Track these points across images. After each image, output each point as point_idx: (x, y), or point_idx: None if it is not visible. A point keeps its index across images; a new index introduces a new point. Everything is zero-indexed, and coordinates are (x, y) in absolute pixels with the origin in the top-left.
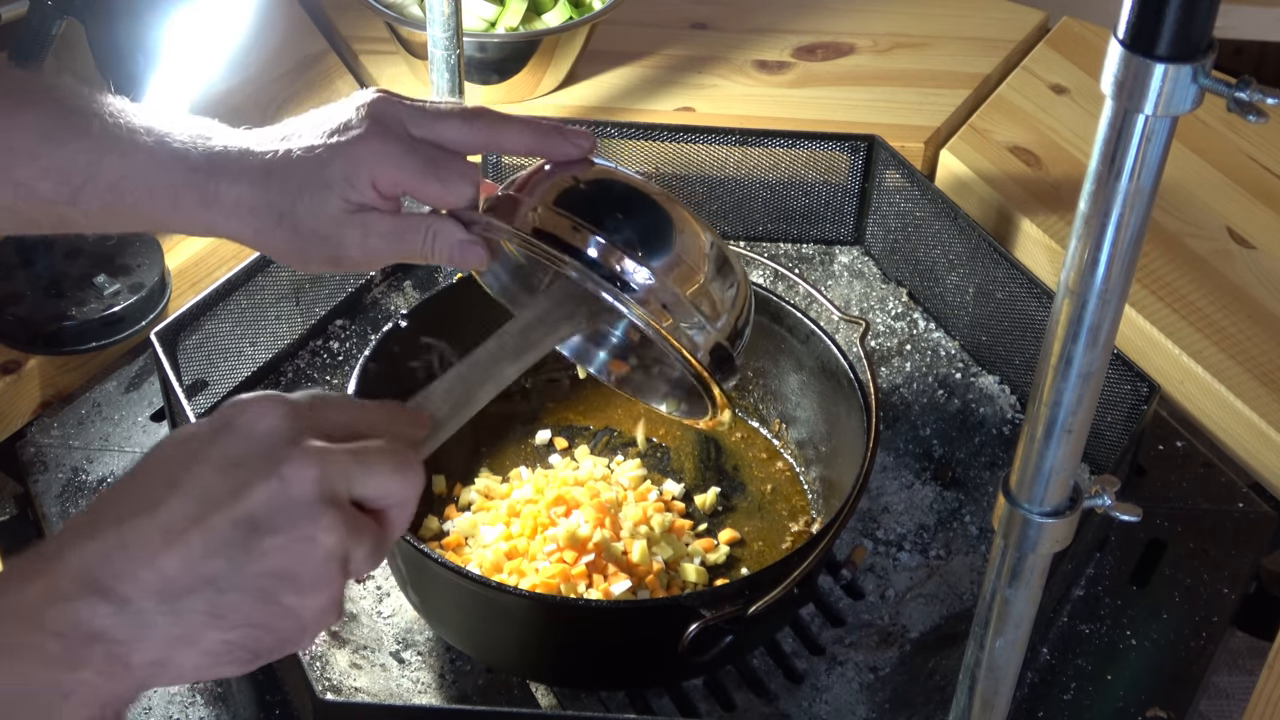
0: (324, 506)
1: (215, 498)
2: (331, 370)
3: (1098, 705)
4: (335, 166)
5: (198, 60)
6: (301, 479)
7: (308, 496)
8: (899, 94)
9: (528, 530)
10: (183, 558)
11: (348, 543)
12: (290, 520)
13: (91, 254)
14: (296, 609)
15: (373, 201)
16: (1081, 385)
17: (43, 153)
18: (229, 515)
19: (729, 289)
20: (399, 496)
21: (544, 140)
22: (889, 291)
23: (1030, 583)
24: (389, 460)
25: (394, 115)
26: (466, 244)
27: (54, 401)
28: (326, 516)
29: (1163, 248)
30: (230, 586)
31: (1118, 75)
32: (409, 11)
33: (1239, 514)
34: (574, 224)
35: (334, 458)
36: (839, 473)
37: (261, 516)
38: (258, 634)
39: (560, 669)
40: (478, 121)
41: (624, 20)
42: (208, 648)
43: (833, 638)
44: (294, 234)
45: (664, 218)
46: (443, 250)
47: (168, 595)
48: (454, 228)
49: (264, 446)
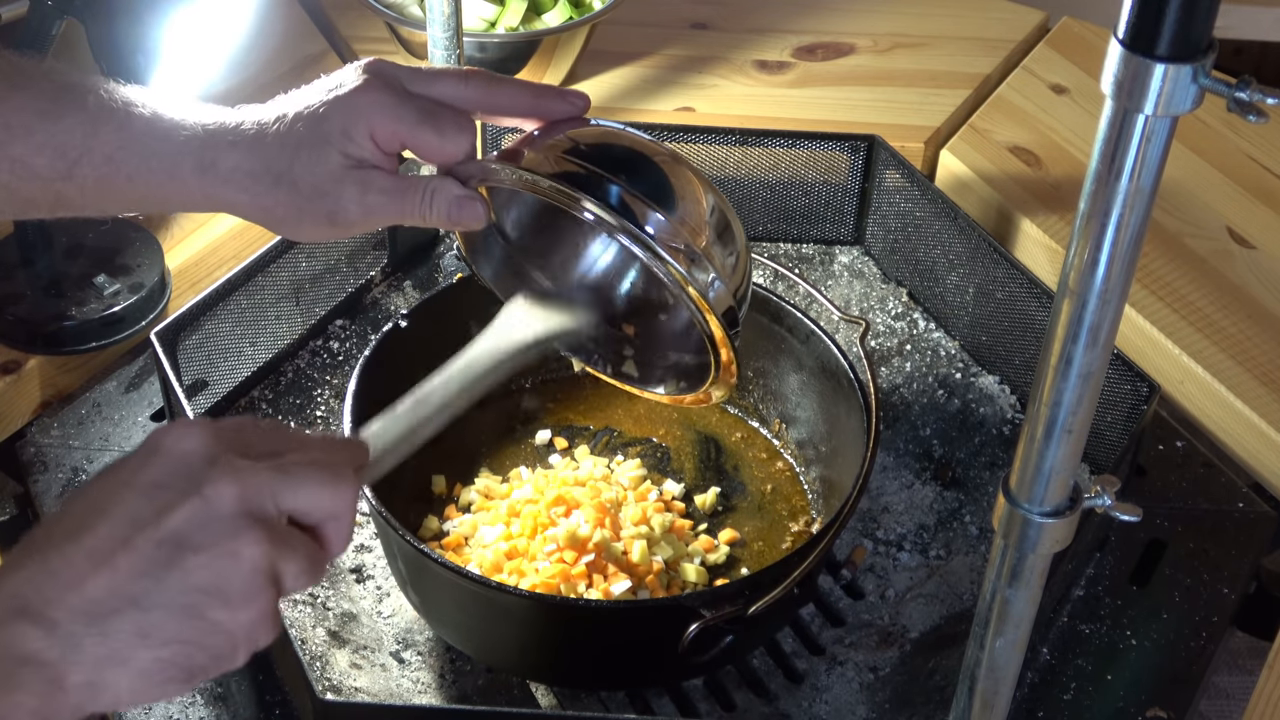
0: (246, 521)
1: (140, 519)
2: (331, 370)
3: (1098, 705)
4: (333, 120)
5: (198, 60)
6: (222, 496)
7: (229, 511)
8: (899, 94)
9: (528, 530)
10: (108, 580)
11: (273, 557)
12: (212, 537)
13: (91, 254)
14: (225, 624)
15: (371, 156)
16: (1081, 385)
17: (38, 129)
18: (153, 536)
19: (733, 249)
20: (330, 509)
21: (540, 99)
22: (889, 291)
23: (1030, 583)
24: (315, 471)
25: (390, 72)
26: (464, 199)
27: (54, 401)
28: (250, 531)
29: (1163, 248)
30: (155, 605)
31: (1118, 75)
32: (409, 11)
33: (1239, 514)
34: (581, 167)
35: (256, 473)
36: (839, 473)
37: (184, 534)
38: (188, 650)
39: (560, 669)
40: (474, 80)
41: (624, 20)
42: (140, 667)
43: (833, 638)
44: (292, 193)
45: (672, 170)
46: (440, 207)
47: (95, 617)
48: (452, 184)
49: (187, 467)
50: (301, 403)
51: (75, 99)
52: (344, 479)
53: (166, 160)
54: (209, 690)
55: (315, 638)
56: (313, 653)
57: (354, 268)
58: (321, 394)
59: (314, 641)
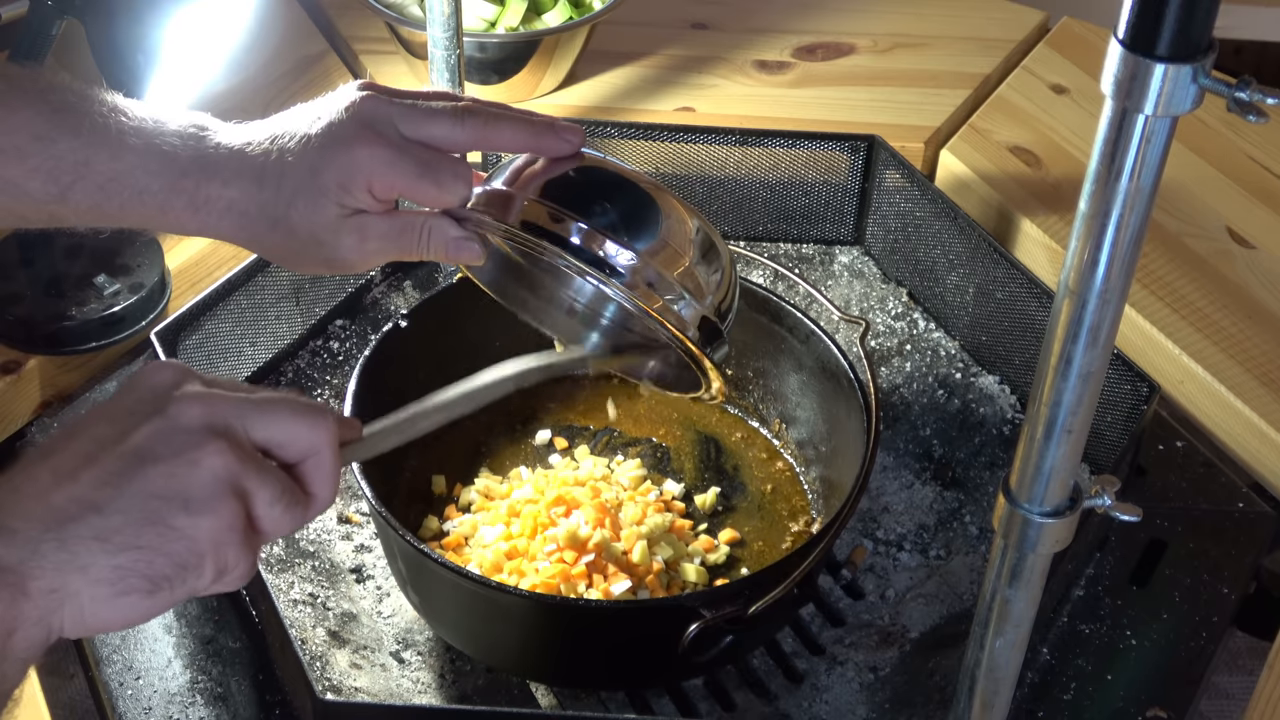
0: (209, 435)
1: (104, 438)
2: (331, 370)
3: (1098, 705)
4: (329, 174)
5: (198, 60)
6: (187, 414)
7: (193, 426)
8: (899, 94)
9: (528, 530)
10: (70, 490)
11: (237, 472)
12: (173, 447)
13: (91, 254)
14: (185, 529)
15: (368, 206)
16: (1081, 385)
17: (32, 152)
18: (115, 450)
19: (714, 268)
20: (307, 441)
21: (536, 138)
22: (889, 291)
23: (1030, 583)
24: (290, 407)
25: (384, 116)
26: (461, 240)
27: (54, 401)
28: (212, 443)
29: (1163, 248)
30: (115, 510)
31: (1118, 75)
32: (409, 11)
33: (1239, 514)
34: (559, 214)
35: (223, 399)
36: (839, 473)
37: (146, 447)
38: (148, 557)
39: (560, 669)
40: (470, 120)
41: (624, 20)
42: (100, 575)
43: (833, 638)
44: (289, 238)
45: (648, 203)
46: (438, 248)
47: (53, 524)
48: (448, 225)
49: (155, 394)
50: None
51: (71, 122)
52: (320, 415)
53: (159, 196)
54: (209, 690)
55: (315, 638)
56: (313, 653)
57: None
58: (321, 394)
59: (314, 641)
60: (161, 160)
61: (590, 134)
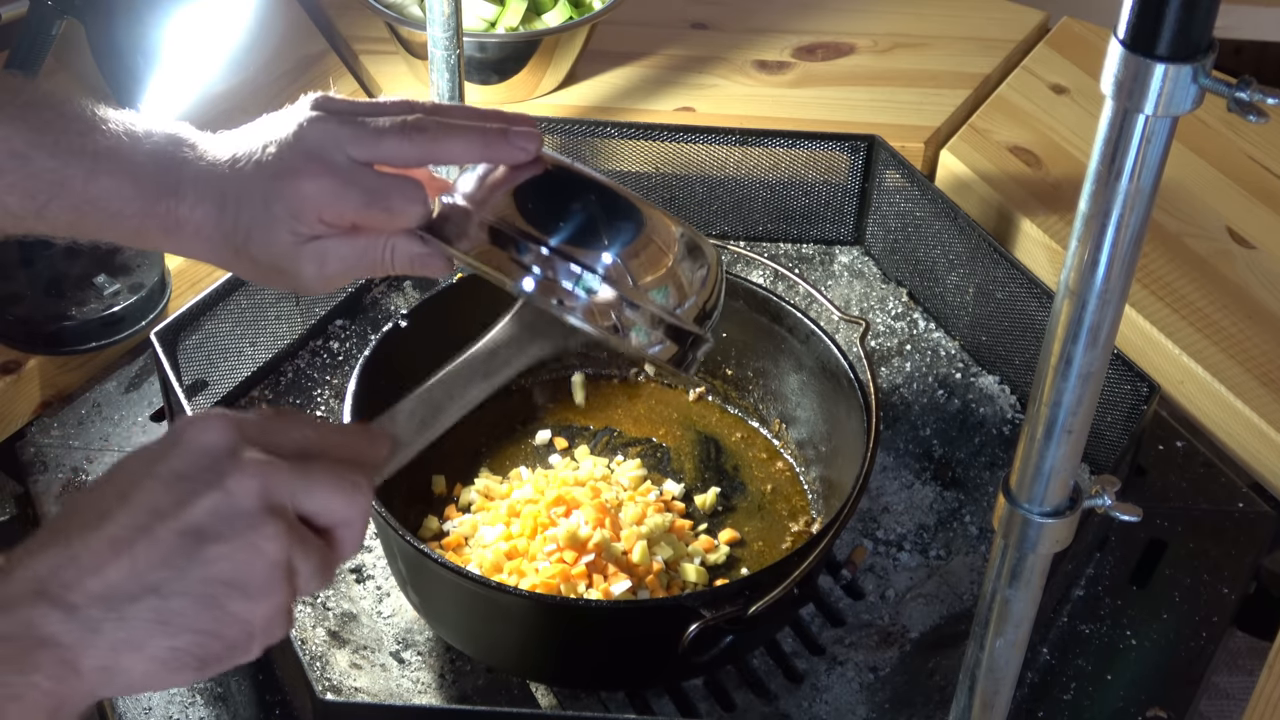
0: (267, 516)
1: (161, 509)
2: (331, 370)
3: (1098, 705)
4: (279, 205)
5: (198, 60)
6: (245, 490)
7: (251, 506)
8: (899, 94)
9: (528, 530)
10: (129, 567)
11: (292, 553)
12: (234, 529)
13: (91, 254)
14: (243, 615)
15: (323, 232)
16: (1081, 385)
17: (8, 169)
18: (174, 525)
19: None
20: (343, 515)
21: (488, 148)
22: (889, 291)
23: (1030, 583)
24: (333, 478)
25: (332, 140)
26: (425, 256)
27: (54, 401)
28: (270, 526)
29: (1163, 248)
30: (175, 593)
31: (1118, 75)
32: (409, 11)
33: (1239, 514)
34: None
35: (277, 470)
36: (839, 473)
37: (206, 525)
38: (204, 640)
39: (560, 669)
40: (418, 137)
41: (624, 20)
42: (154, 654)
43: (833, 638)
44: (253, 266)
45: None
46: (402, 262)
47: (114, 603)
48: (411, 243)
49: (209, 459)
50: (301, 403)
51: (47, 144)
52: (360, 487)
53: (134, 220)
54: (209, 690)
55: (315, 638)
56: (313, 653)
57: None
58: (321, 394)
59: (314, 641)
60: (135, 186)
61: (590, 134)
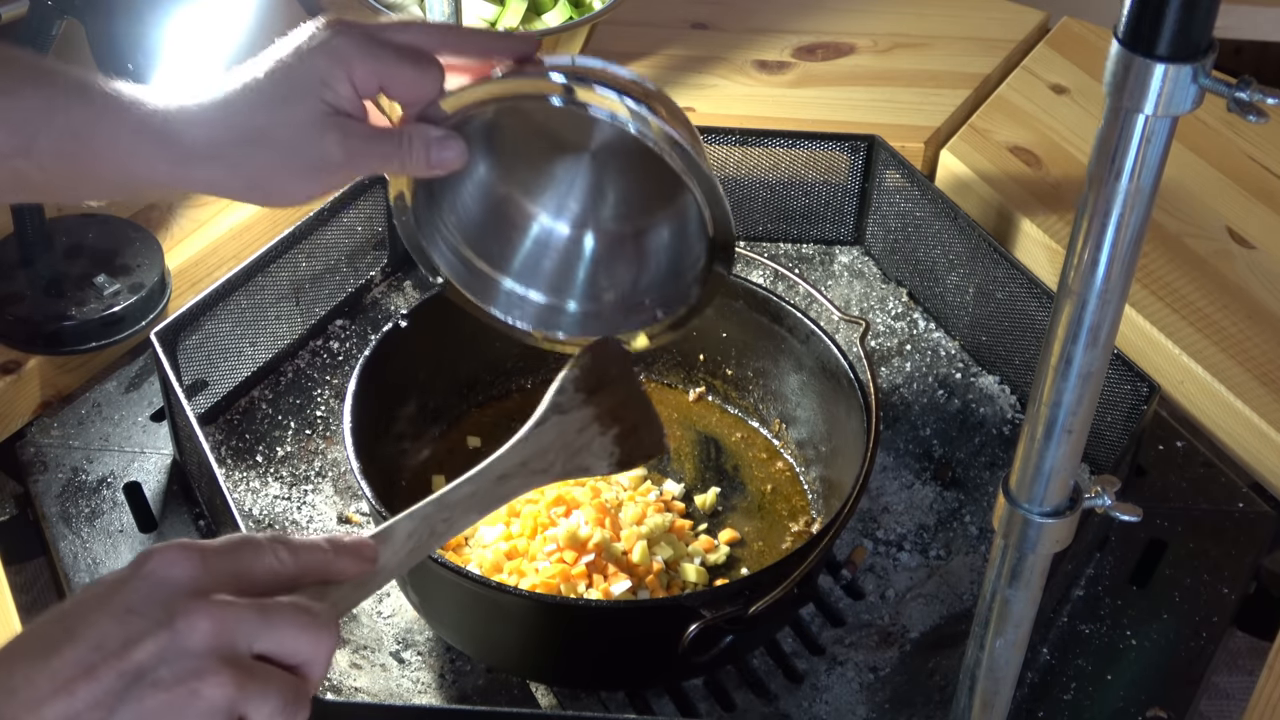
0: (213, 660)
1: (106, 646)
2: (331, 370)
3: (1098, 705)
4: (310, 69)
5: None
6: (194, 630)
7: (199, 648)
8: (899, 94)
9: (528, 530)
10: (65, 706)
11: (238, 699)
12: (174, 673)
13: (91, 254)
14: None
15: (349, 103)
16: (1081, 385)
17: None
18: (116, 665)
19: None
20: (307, 655)
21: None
22: (889, 291)
23: (1030, 583)
24: (297, 618)
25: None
26: (443, 139)
27: (54, 401)
28: (216, 674)
29: (1163, 248)
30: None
31: (1118, 75)
32: (409, 12)
33: (1239, 514)
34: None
35: (235, 611)
36: (839, 473)
37: (148, 667)
38: None
39: (560, 669)
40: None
41: (624, 20)
42: None
43: (833, 638)
44: (271, 151)
45: None
46: (419, 149)
47: None
48: (428, 127)
49: (166, 594)
50: (301, 403)
51: (36, 76)
52: (324, 625)
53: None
54: None
55: None
56: None
57: (354, 268)
58: (321, 394)
59: None
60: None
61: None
